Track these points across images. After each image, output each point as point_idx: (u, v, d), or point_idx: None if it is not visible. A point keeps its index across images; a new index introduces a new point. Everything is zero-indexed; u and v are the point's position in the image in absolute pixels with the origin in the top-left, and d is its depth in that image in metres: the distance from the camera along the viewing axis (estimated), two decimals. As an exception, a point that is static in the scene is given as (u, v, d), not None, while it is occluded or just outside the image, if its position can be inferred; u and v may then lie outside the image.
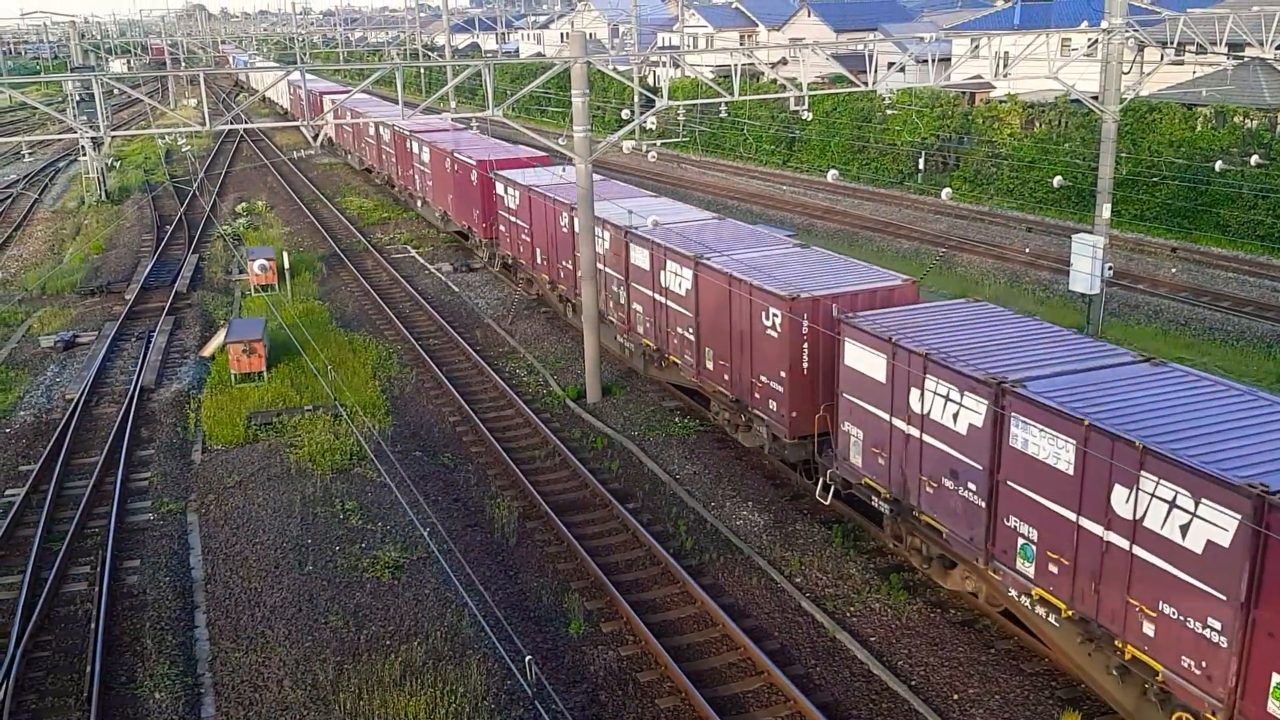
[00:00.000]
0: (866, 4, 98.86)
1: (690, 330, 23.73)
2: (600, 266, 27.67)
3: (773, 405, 20.50)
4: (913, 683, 15.47)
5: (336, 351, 30.21)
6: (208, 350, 30.96)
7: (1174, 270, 37.30)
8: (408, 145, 48.88)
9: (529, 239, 33.49)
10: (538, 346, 31.02)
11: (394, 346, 31.69)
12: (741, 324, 21.29)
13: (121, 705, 15.44)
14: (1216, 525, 11.75)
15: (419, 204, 48.57)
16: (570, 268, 30.06)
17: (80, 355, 31.44)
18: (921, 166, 53.67)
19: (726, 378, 22.34)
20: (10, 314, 36.94)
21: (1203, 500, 11.91)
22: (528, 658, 15.06)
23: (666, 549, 19.15)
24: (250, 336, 27.81)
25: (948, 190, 34.87)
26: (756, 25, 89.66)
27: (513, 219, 34.99)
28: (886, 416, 17.24)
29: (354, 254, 44.15)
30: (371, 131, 57.47)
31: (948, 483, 16.08)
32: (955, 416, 15.72)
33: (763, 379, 20.68)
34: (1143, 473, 12.61)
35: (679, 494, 21.51)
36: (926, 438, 16.38)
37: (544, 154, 38.56)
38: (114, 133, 27.31)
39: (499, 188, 35.83)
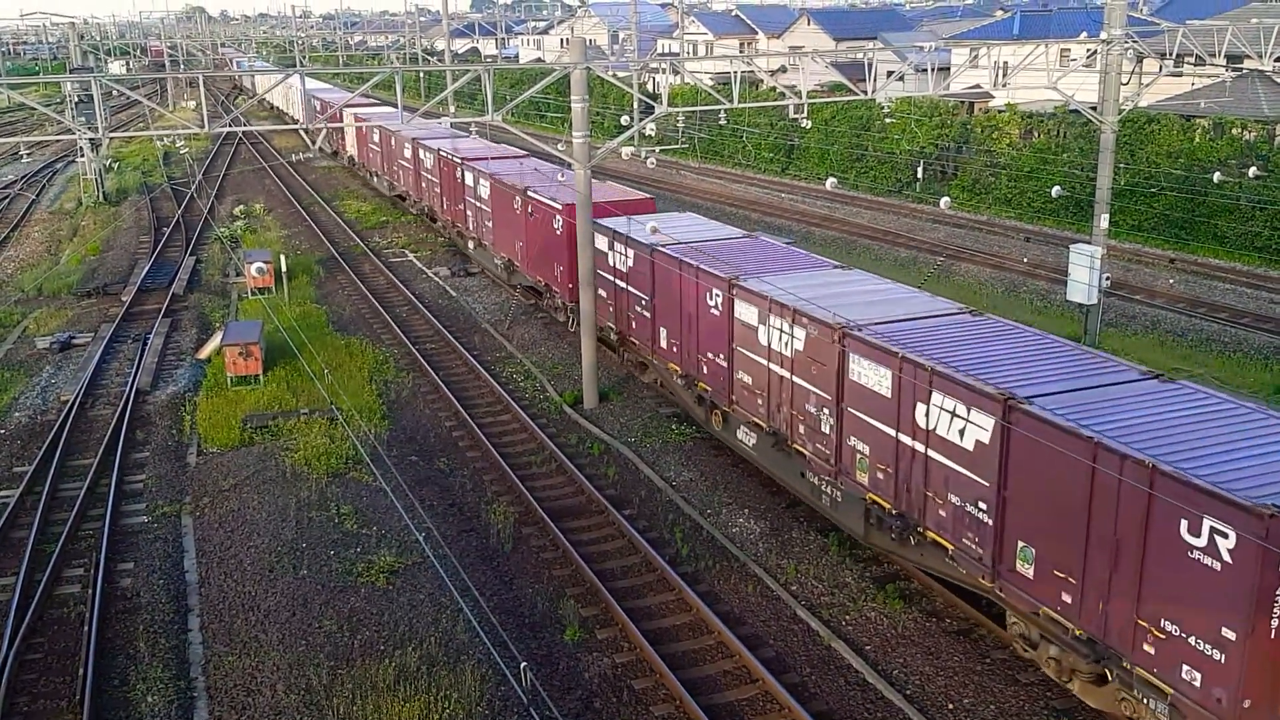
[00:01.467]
0: (866, 13, 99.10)
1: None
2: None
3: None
4: (908, 692, 15.43)
5: (333, 355, 30.17)
6: (204, 353, 30.91)
7: (1171, 281, 37.34)
8: (459, 175, 40.45)
9: (649, 314, 25.31)
10: (535, 352, 30.99)
11: (391, 351, 31.66)
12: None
13: (114, 708, 15.37)
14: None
15: (470, 244, 40.62)
16: (732, 370, 21.78)
17: (76, 357, 31.38)
18: (920, 175, 53.73)
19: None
20: (6, 315, 36.87)
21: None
22: (522, 664, 15.03)
23: (662, 556, 19.11)
24: (247, 339, 27.77)
25: (946, 199, 34.93)
26: (756, 33, 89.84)
27: (622, 284, 26.72)
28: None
29: (351, 258, 44.13)
30: (407, 154, 48.91)
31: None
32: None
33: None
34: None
35: (675, 501, 21.48)
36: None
37: (648, 196, 31.97)
38: (112, 134, 27.29)
39: (601, 242, 27.27)
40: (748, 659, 16.00)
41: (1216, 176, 39.48)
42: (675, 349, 24.16)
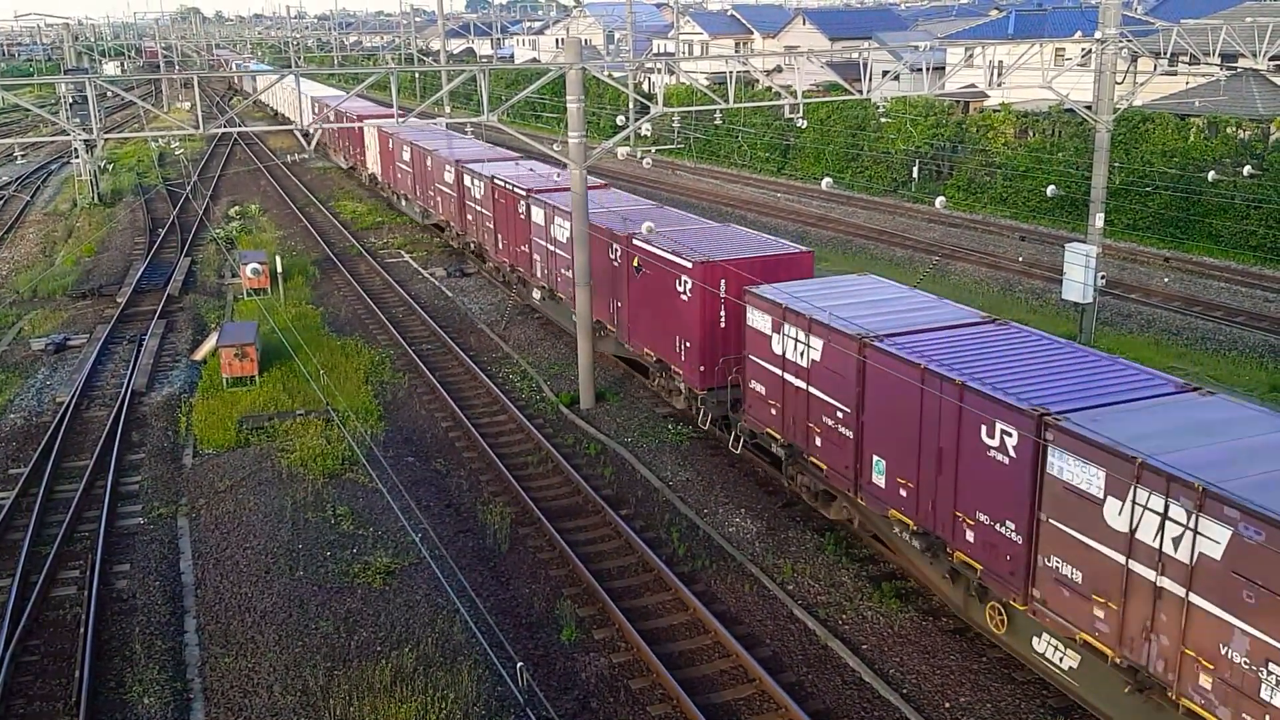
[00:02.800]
0: (861, 12, 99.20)
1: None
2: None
3: None
4: (904, 691, 15.45)
5: (329, 356, 30.15)
6: (199, 354, 30.87)
7: (1167, 280, 37.40)
8: (523, 211, 32.69)
9: (849, 433, 18.17)
10: (531, 352, 30.98)
11: (387, 351, 31.64)
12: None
13: (110, 710, 15.35)
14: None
15: (537, 294, 33.01)
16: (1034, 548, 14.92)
17: (71, 358, 31.33)
18: (915, 175, 53.78)
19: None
20: (1, 317, 36.81)
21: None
22: (519, 664, 15.03)
23: (659, 556, 19.12)
24: (242, 340, 27.74)
25: (941, 198, 34.99)
26: (752, 33, 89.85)
27: (796, 380, 19.40)
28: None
29: (347, 258, 44.10)
30: (449, 178, 41.55)
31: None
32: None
33: None
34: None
35: (672, 501, 21.49)
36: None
37: (804, 250, 24.18)
38: (107, 135, 27.26)
39: (760, 320, 20.28)
40: (744, 658, 16.01)
41: (1211, 175, 39.55)
42: (906, 493, 16.88)
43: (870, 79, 29.04)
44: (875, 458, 17.51)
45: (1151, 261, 40.20)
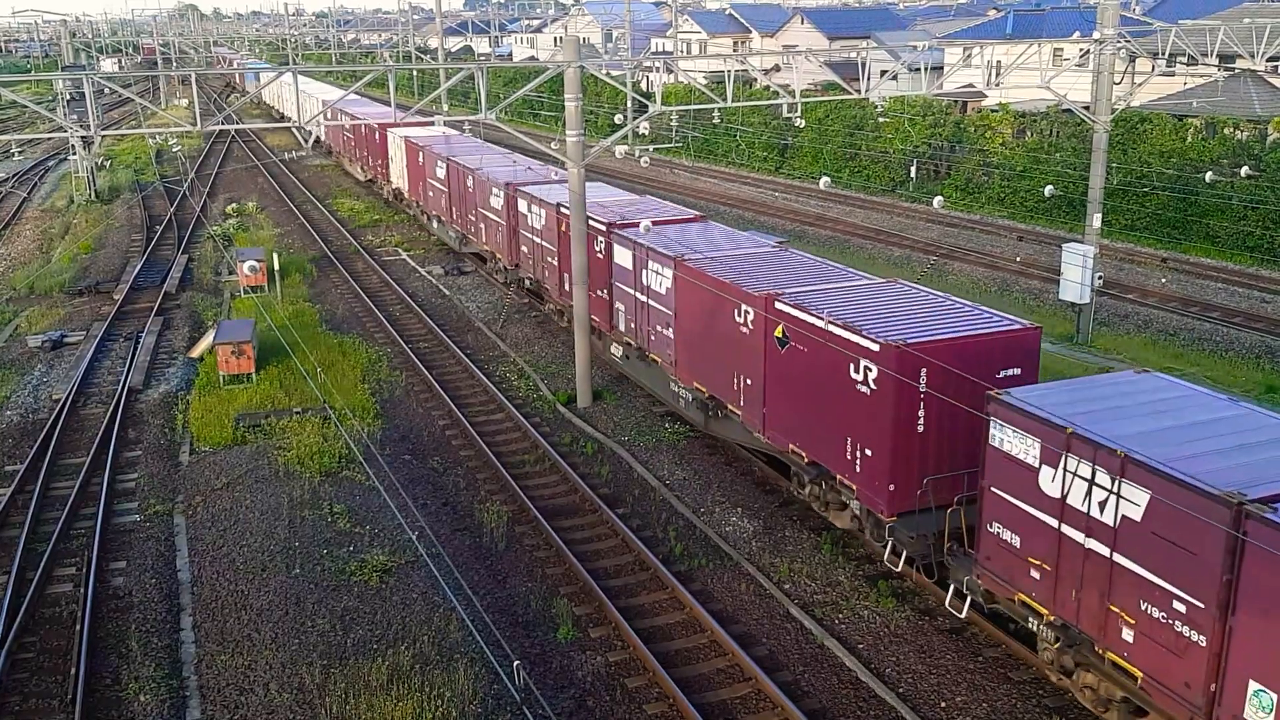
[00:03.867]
0: (860, 12, 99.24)
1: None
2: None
3: None
4: (900, 690, 15.46)
5: (326, 354, 30.13)
6: (196, 351, 30.84)
7: (1164, 280, 37.43)
8: (603, 249, 27.15)
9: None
10: (528, 351, 30.98)
11: (384, 349, 31.62)
12: None
13: (106, 707, 15.34)
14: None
15: (617, 351, 27.85)
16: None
17: (68, 355, 31.30)
18: (913, 174, 53.80)
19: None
20: (-2, 313, 36.79)
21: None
22: (515, 662, 15.03)
23: (655, 554, 19.12)
24: (239, 338, 27.72)
25: (939, 198, 34.96)
26: (750, 32, 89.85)
27: (1058, 529, 14.22)
28: None
29: (345, 256, 44.07)
30: (497, 203, 35.31)
31: None
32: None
33: None
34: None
35: (668, 499, 21.49)
36: None
37: (1032, 326, 18.03)
38: (104, 132, 27.23)
39: (1001, 436, 14.80)
40: (741, 657, 16.02)
41: (1209, 176, 39.57)
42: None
43: (868, 78, 29.06)
44: (1255, 687, 11.47)
45: (1149, 262, 40.23)
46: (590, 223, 26.97)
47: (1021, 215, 48.05)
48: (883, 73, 30.61)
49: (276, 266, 37.32)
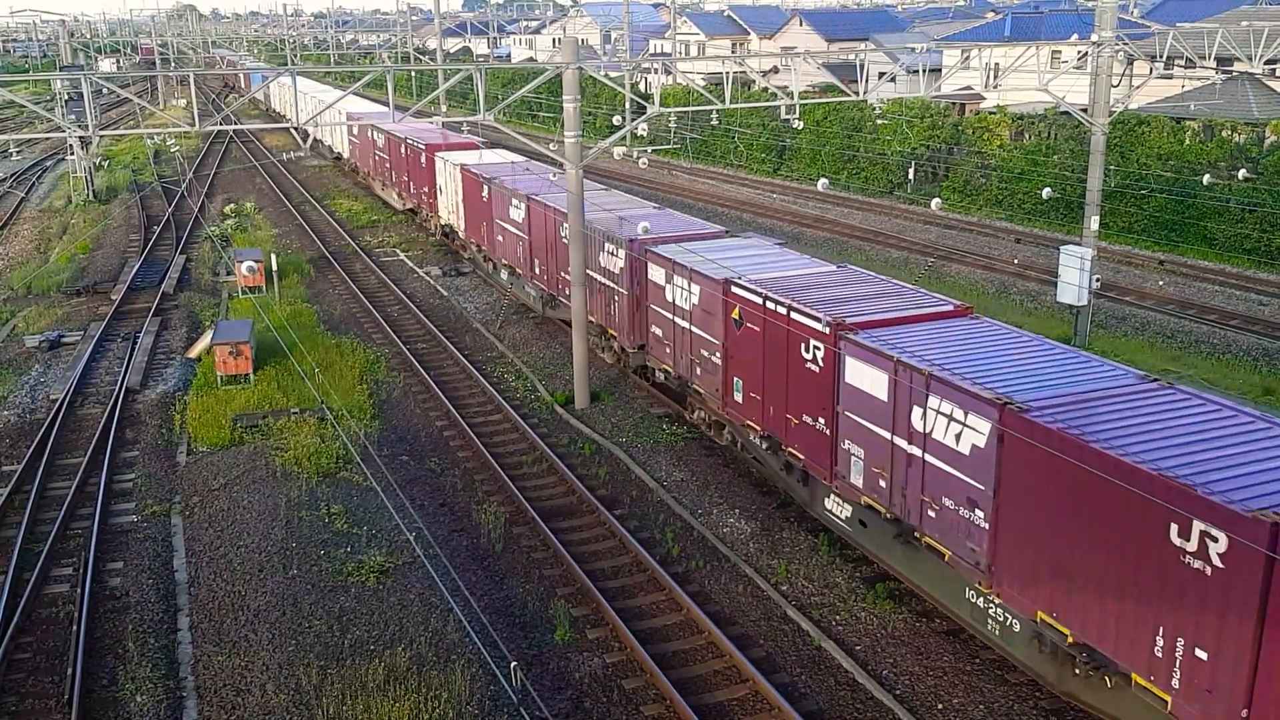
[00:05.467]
0: (858, 14, 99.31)
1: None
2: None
3: None
4: (897, 692, 15.46)
5: (324, 354, 30.11)
6: (194, 352, 30.83)
7: (1161, 282, 37.46)
8: (811, 359, 19.20)
9: None
10: (526, 352, 30.97)
11: (382, 350, 31.61)
12: None
13: (103, 708, 15.33)
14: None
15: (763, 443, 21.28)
16: None
17: (65, 355, 31.27)
18: (911, 176, 53.83)
19: None
20: (-5, 313, 36.76)
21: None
22: (513, 663, 15.03)
23: (653, 556, 19.12)
24: (237, 338, 27.70)
25: (937, 200, 35.04)
26: (748, 33, 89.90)
27: None
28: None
29: (342, 257, 44.05)
30: (613, 263, 26.60)
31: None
32: None
33: None
34: None
35: (666, 501, 21.49)
36: None
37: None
38: (102, 132, 27.22)
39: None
40: (738, 659, 16.02)
41: (1206, 179, 39.61)
42: None
43: (866, 80, 29.08)
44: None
45: (1146, 264, 40.27)
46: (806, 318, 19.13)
47: (1019, 217, 48.08)
48: (881, 74, 30.66)
49: (274, 267, 37.30)
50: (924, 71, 31.09)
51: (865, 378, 17.25)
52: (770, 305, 19.76)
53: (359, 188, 60.97)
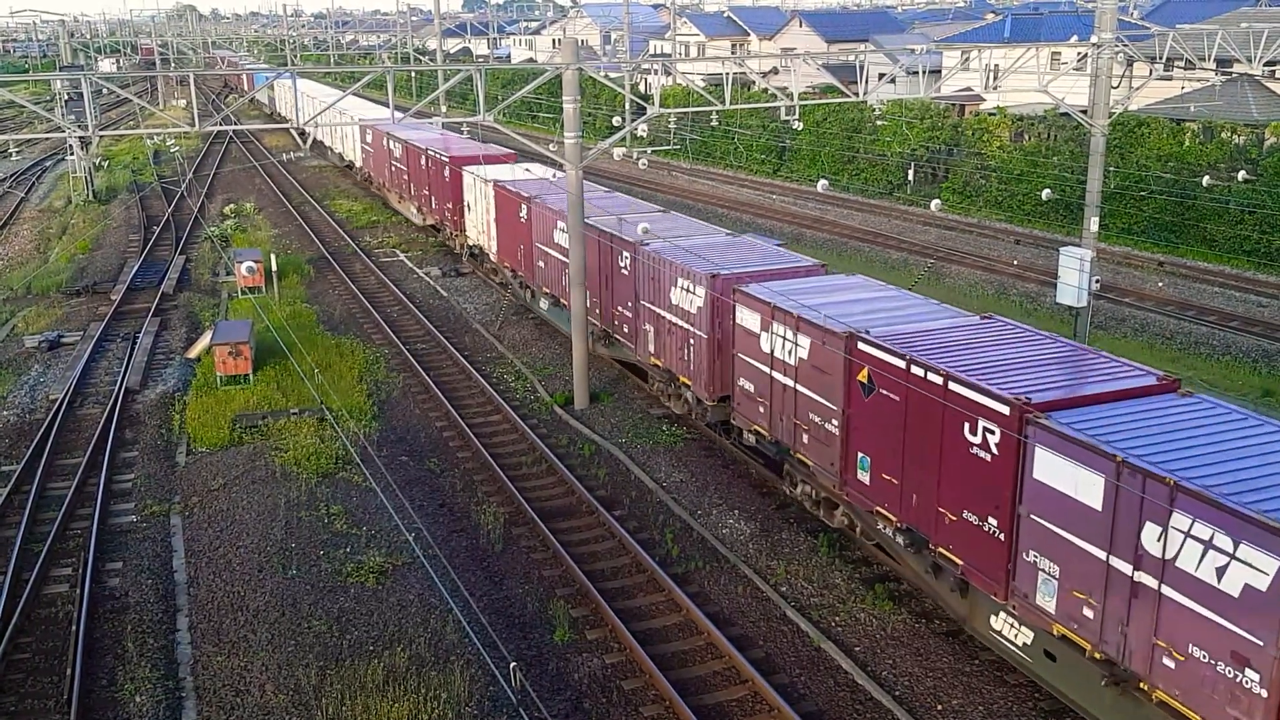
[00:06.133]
0: (858, 15, 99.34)
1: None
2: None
3: None
4: (897, 693, 15.46)
5: (323, 355, 30.11)
6: (193, 352, 30.82)
7: (1161, 284, 37.47)
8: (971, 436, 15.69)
9: None
10: (525, 352, 30.97)
11: (381, 351, 31.60)
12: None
13: (102, 708, 15.32)
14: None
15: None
16: None
17: (65, 356, 31.25)
18: (911, 177, 53.83)
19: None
20: (-5, 313, 36.75)
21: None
22: (512, 664, 15.02)
23: (652, 556, 19.11)
24: (236, 339, 27.70)
25: (937, 201, 35.03)
26: (748, 34, 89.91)
27: None
28: None
29: (342, 257, 44.04)
30: (686, 300, 23.09)
31: None
32: None
33: None
34: None
35: (665, 502, 21.48)
36: None
37: None
38: (102, 132, 27.21)
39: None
40: (737, 660, 16.01)
41: (1206, 180, 39.61)
42: None
43: (866, 81, 29.07)
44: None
45: (1146, 265, 40.27)
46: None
47: (1019, 218, 48.09)
48: (880, 76, 30.64)
49: (274, 267, 37.30)
50: (924, 73, 31.08)
51: (1065, 476, 13.47)
52: (917, 371, 15.93)
53: (359, 188, 60.95)
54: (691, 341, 23.10)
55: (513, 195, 33.50)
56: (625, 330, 26.67)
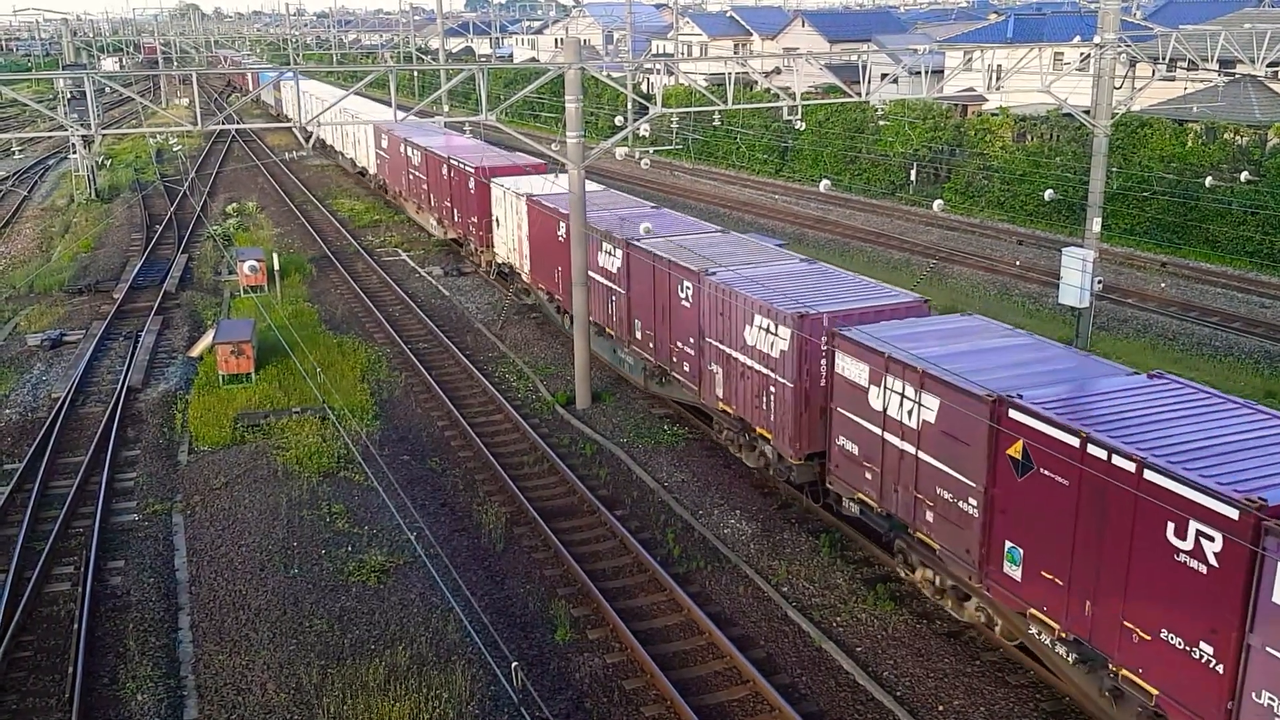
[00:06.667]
0: (861, 15, 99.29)
1: None
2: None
3: None
4: (898, 693, 15.46)
5: (325, 354, 30.12)
6: (196, 351, 30.84)
7: (1163, 285, 37.44)
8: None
9: None
10: (527, 352, 30.97)
11: (383, 350, 31.62)
12: None
13: (103, 706, 15.33)
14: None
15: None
16: None
17: (67, 354, 31.28)
18: (913, 178, 53.81)
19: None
20: (-3, 311, 36.77)
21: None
22: (514, 664, 15.03)
23: (654, 556, 19.11)
24: (239, 338, 27.71)
25: (939, 202, 35.02)
26: (751, 34, 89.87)
27: None
28: None
29: (344, 256, 44.06)
30: (762, 340, 20.22)
31: None
32: None
33: None
34: None
35: (667, 501, 21.49)
36: None
37: None
38: (105, 131, 27.23)
39: None
40: (738, 660, 16.01)
41: (1208, 181, 39.58)
42: None
43: (869, 81, 29.07)
44: None
45: (1148, 266, 40.25)
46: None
47: (1021, 219, 48.06)
48: (883, 76, 30.62)
49: (276, 266, 37.32)
50: (926, 73, 31.06)
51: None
52: (1097, 452, 12.93)
53: (360, 187, 60.95)
54: (773, 389, 20.05)
55: (549, 212, 30.00)
56: (686, 369, 23.60)
